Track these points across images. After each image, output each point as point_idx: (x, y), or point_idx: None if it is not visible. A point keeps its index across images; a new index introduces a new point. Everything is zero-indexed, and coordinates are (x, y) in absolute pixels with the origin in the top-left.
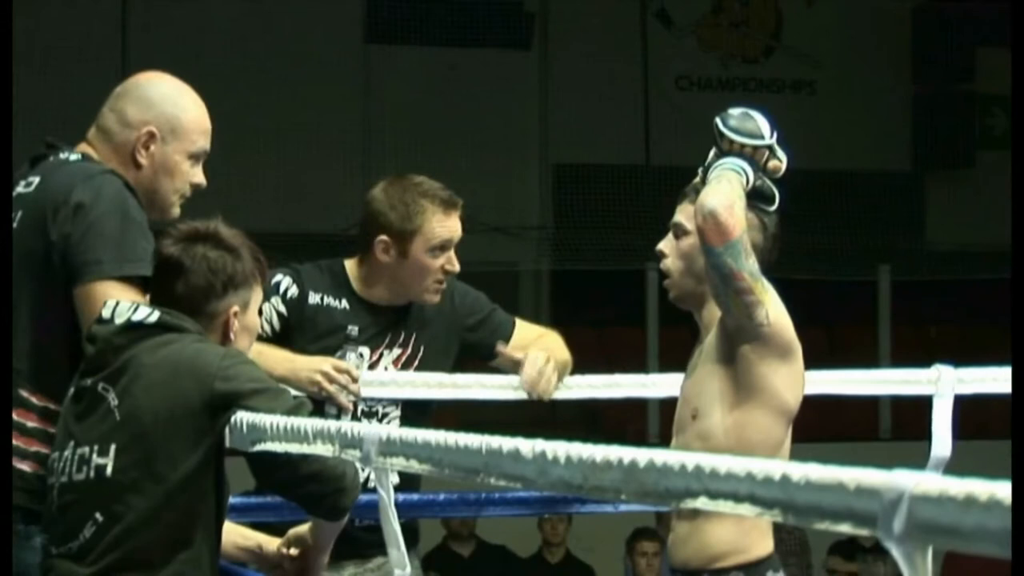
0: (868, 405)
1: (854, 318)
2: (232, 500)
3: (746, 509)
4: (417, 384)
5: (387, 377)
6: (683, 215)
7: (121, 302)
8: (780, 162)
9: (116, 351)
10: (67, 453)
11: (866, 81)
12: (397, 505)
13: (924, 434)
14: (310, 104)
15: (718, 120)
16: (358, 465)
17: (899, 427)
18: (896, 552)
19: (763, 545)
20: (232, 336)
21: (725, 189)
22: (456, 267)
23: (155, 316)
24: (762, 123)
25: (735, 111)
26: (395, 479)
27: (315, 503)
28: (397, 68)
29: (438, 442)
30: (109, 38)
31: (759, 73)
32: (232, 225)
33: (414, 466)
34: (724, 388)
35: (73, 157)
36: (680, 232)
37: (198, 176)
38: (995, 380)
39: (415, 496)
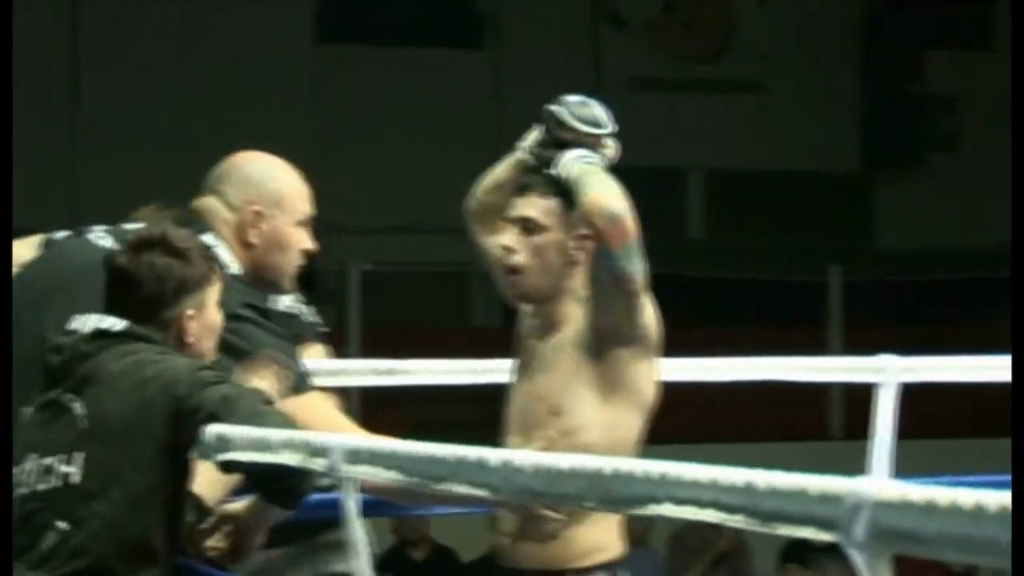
0: (818, 404)
1: (804, 318)
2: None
3: (710, 515)
4: (366, 372)
5: (336, 366)
6: (534, 209)
7: (91, 314)
8: (615, 151)
9: (81, 359)
10: (30, 465)
11: (817, 83)
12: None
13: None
14: (261, 105)
15: (559, 109)
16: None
17: (850, 427)
18: (857, 558)
19: (619, 544)
20: (190, 340)
21: (614, 188)
22: None
23: (122, 325)
24: (601, 111)
25: (573, 98)
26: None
27: (273, 488)
28: (349, 68)
29: (405, 451)
30: (58, 40)
31: (711, 74)
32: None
33: (380, 474)
34: (592, 386)
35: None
36: (533, 227)
37: (307, 242)
38: (942, 369)
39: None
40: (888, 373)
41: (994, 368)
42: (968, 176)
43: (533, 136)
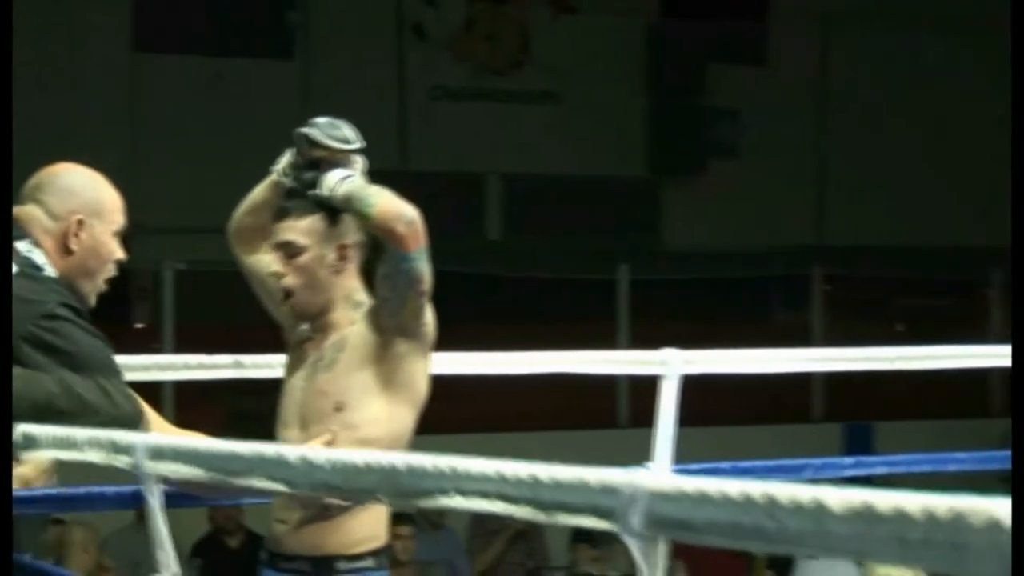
0: (607, 395)
1: (596, 314)
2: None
3: (497, 507)
4: (179, 367)
5: (164, 361)
6: (292, 232)
7: None
8: (364, 165)
9: None
10: None
11: (607, 94)
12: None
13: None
14: (78, 110)
15: (310, 129)
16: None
17: (636, 415)
18: (633, 545)
19: (385, 533)
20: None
21: (395, 196)
22: None
23: None
24: (350, 130)
25: (322, 120)
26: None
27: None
28: (164, 76)
29: (207, 448)
30: None
31: (508, 85)
32: None
33: (182, 470)
34: (374, 383)
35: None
36: (294, 250)
37: (120, 252)
38: (720, 362)
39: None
40: (671, 366)
41: (768, 361)
42: (747, 182)
43: (286, 159)
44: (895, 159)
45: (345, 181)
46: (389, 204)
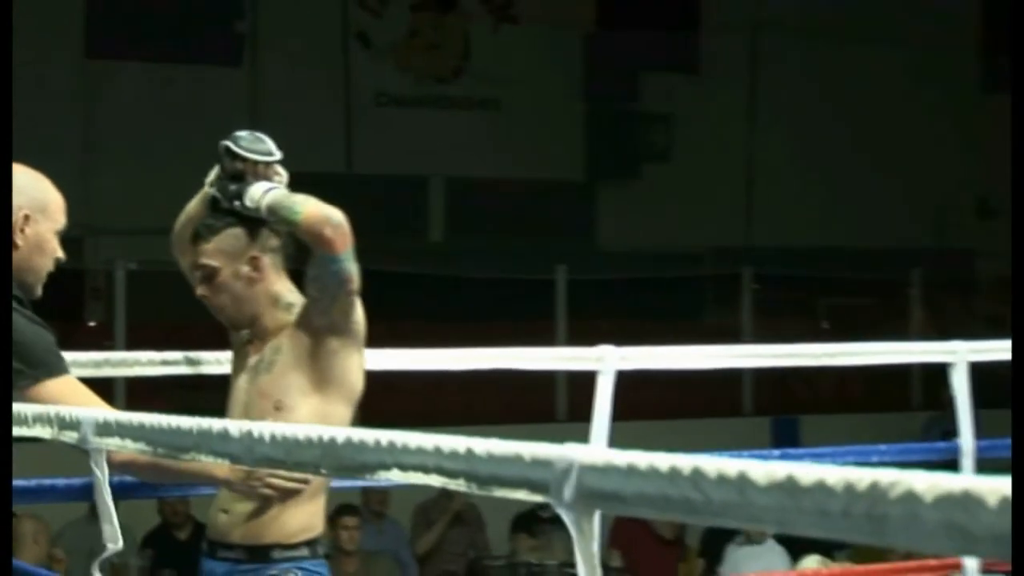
0: (546, 390)
1: (535, 313)
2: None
3: (434, 480)
4: (131, 363)
5: (116, 357)
6: (204, 257)
7: None
8: (285, 178)
9: None
10: None
11: (545, 100)
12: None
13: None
14: (32, 114)
15: (233, 144)
16: None
17: (573, 410)
18: (566, 517)
19: (321, 525)
20: None
21: (320, 202)
22: None
23: None
24: (270, 143)
25: (244, 134)
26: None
27: None
28: (116, 81)
29: (152, 423)
30: None
31: (450, 92)
32: None
33: (129, 445)
34: (309, 382)
35: None
36: (209, 272)
37: (60, 251)
38: (653, 358)
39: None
40: (606, 362)
41: (700, 357)
42: (679, 185)
43: (215, 172)
44: (821, 164)
45: (268, 193)
46: (315, 209)
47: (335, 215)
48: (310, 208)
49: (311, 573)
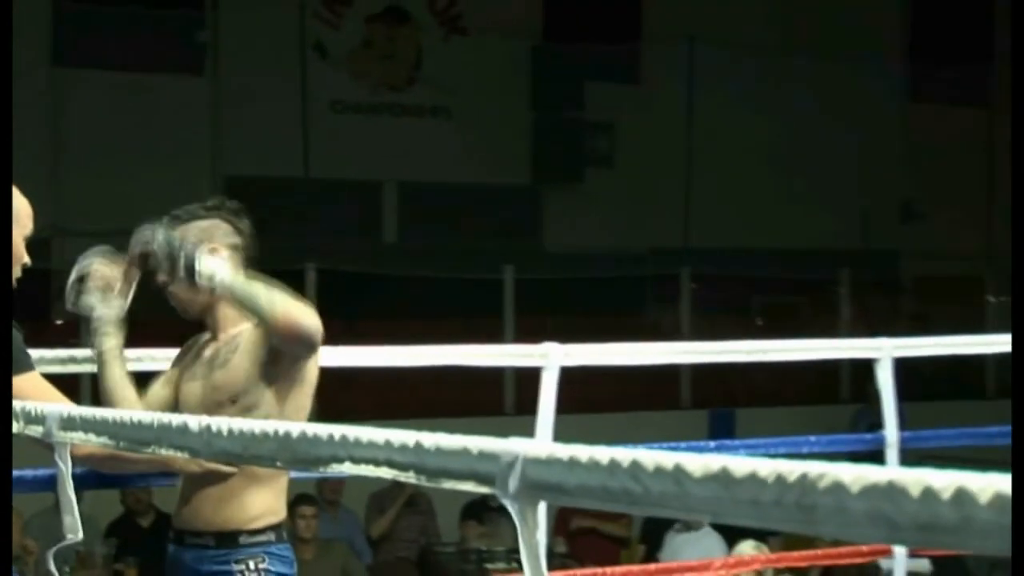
0: (494, 385)
1: (484, 311)
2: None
3: (384, 472)
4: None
5: (81, 354)
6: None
7: None
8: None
9: None
10: None
11: (493, 108)
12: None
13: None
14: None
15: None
16: None
17: (521, 403)
18: (511, 508)
19: (284, 509)
20: None
21: (292, 300)
22: None
23: None
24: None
25: (156, 230)
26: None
27: None
28: (83, 90)
29: (115, 418)
30: None
31: (403, 100)
32: None
33: (92, 439)
34: (265, 377)
35: None
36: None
37: (27, 257)
38: (596, 354)
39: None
40: (551, 358)
41: (641, 353)
42: (621, 190)
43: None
44: (755, 170)
45: (224, 274)
46: (291, 310)
47: (310, 320)
48: (285, 308)
49: (277, 557)
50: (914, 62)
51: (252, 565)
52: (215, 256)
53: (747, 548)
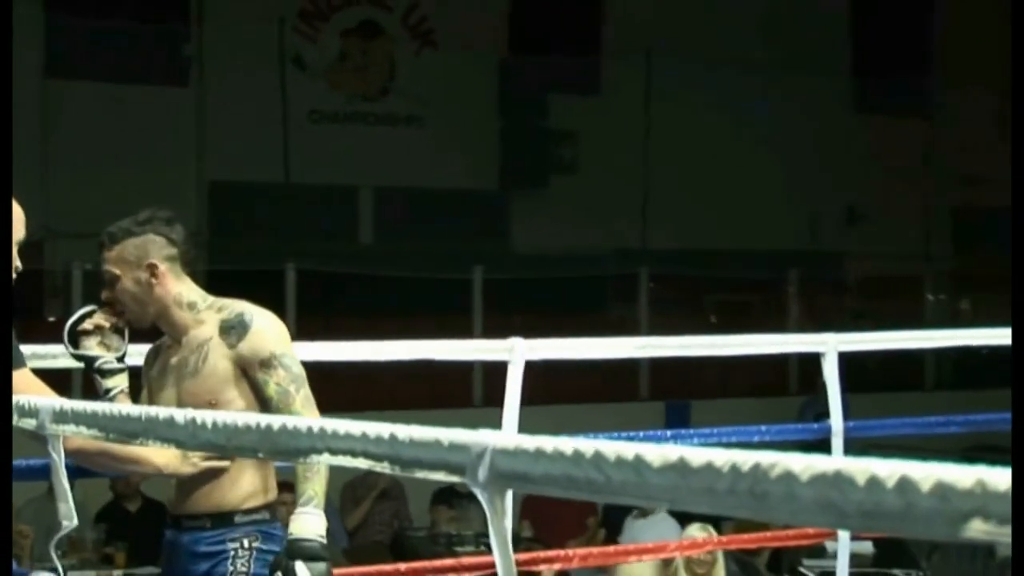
0: (464, 378)
1: (454, 309)
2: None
3: (361, 463)
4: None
5: (54, 351)
6: (109, 264)
7: None
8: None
9: None
10: None
11: (463, 117)
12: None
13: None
14: None
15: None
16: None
17: (489, 396)
18: (481, 496)
19: (275, 489)
20: None
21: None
22: None
23: None
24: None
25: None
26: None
27: None
28: (73, 100)
29: (103, 411)
30: None
31: (377, 109)
32: None
33: (83, 431)
34: (240, 380)
35: None
36: (112, 279)
37: (19, 261)
38: (559, 349)
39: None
40: (516, 352)
41: (602, 348)
42: (584, 194)
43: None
44: (709, 175)
45: (316, 525)
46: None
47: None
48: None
49: (270, 535)
50: (860, 76)
51: (246, 543)
52: (305, 520)
53: (694, 531)
